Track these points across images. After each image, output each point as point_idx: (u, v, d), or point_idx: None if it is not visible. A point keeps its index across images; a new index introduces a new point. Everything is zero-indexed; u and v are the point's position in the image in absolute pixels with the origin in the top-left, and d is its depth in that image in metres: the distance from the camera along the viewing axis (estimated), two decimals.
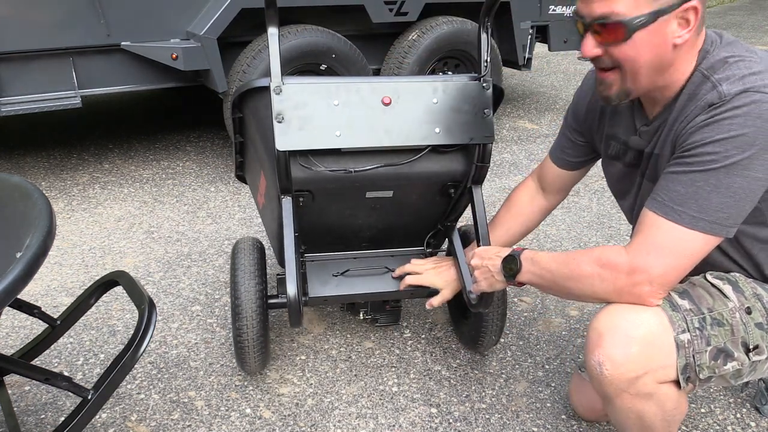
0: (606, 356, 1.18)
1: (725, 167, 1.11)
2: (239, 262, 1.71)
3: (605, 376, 1.19)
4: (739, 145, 1.10)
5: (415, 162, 1.57)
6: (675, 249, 1.15)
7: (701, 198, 1.13)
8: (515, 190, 1.79)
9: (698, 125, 1.14)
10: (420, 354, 1.98)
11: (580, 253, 1.26)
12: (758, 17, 8.59)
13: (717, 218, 1.13)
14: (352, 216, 1.72)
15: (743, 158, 1.10)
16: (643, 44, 1.15)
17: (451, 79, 1.54)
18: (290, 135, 1.45)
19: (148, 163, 3.66)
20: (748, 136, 1.09)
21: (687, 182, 1.14)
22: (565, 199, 1.78)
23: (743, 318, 1.22)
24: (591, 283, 1.22)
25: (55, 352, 1.98)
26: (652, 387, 1.20)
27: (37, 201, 1.24)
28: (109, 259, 2.58)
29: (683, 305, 1.23)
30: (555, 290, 1.33)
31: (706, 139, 1.13)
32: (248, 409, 1.74)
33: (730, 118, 1.11)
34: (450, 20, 3.64)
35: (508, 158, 3.77)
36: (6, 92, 2.98)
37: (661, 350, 1.19)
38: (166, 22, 3.16)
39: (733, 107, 1.11)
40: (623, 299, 1.21)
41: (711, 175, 1.12)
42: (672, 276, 1.17)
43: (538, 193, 1.75)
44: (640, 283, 1.17)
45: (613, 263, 1.19)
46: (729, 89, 1.13)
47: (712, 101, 1.14)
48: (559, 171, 1.67)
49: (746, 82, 1.12)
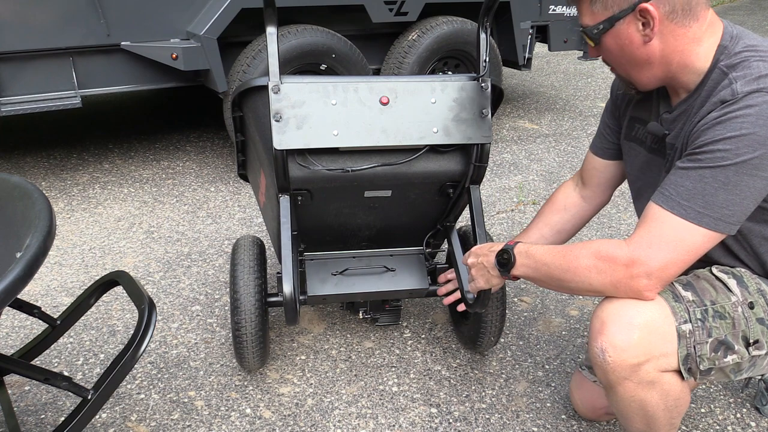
0: (609, 343, 1.20)
1: (735, 165, 1.12)
2: (239, 258, 1.71)
3: (608, 363, 1.20)
4: (750, 143, 1.11)
5: (414, 162, 1.57)
6: (677, 243, 1.16)
7: (708, 194, 1.14)
8: (554, 193, 1.76)
9: (710, 122, 1.16)
10: (420, 354, 1.98)
11: (577, 246, 1.26)
12: (758, 17, 8.59)
13: (722, 215, 1.14)
14: (350, 215, 1.72)
15: (753, 157, 1.11)
16: (612, 46, 1.28)
17: (449, 79, 1.55)
18: (288, 134, 1.45)
19: (148, 163, 3.67)
20: (759, 135, 1.11)
21: (696, 178, 1.15)
22: (607, 203, 1.71)
23: (745, 312, 1.23)
24: (587, 276, 1.23)
25: (55, 352, 1.98)
26: (655, 375, 1.21)
27: (37, 201, 1.24)
28: (109, 259, 2.58)
29: (686, 296, 1.24)
30: (550, 283, 1.33)
31: (717, 137, 1.14)
32: (248, 409, 1.75)
33: (742, 117, 1.12)
34: (450, 20, 3.64)
35: (508, 158, 3.77)
36: (6, 92, 2.98)
37: (663, 338, 1.20)
38: (166, 22, 3.16)
39: (745, 105, 1.13)
40: (620, 292, 1.21)
41: (720, 172, 1.13)
42: (671, 270, 1.18)
43: (574, 191, 1.71)
44: (638, 276, 1.18)
45: (611, 256, 1.20)
46: (742, 88, 1.14)
47: (725, 98, 1.16)
48: (598, 161, 1.63)
49: (761, 82, 1.14)
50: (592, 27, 1.26)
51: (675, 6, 1.18)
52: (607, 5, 1.22)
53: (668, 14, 1.18)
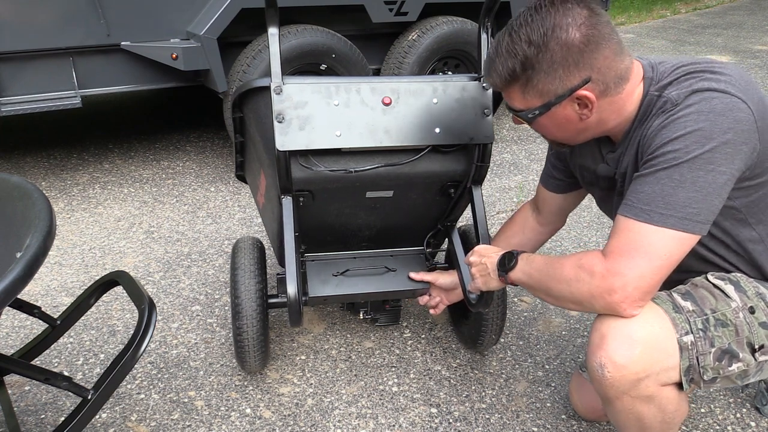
0: (608, 358, 1.17)
1: (687, 162, 1.12)
2: (239, 261, 1.71)
3: (607, 379, 1.18)
4: (698, 139, 1.11)
5: (415, 162, 1.57)
6: (648, 250, 1.13)
7: (667, 195, 1.13)
8: (513, 214, 1.81)
9: (656, 129, 1.17)
10: (420, 354, 1.98)
11: (567, 256, 1.26)
12: (758, 17, 8.59)
13: (686, 214, 1.12)
14: (352, 216, 1.72)
15: (704, 152, 1.11)
16: (548, 125, 1.29)
17: (451, 79, 1.54)
18: (290, 135, 1.45)
19: (148, 163, 3.66)
20: (704, 130, 1.11)
21: (652, 181, 1.15)
22: (562, 226, 1.77)
23: (747, 318, 1.22)
24: (568, 285, 1.21)
25: (55, 352, 1.98)
26: (654, 389, 1.19)
27: (37, 201, 1.24)
28: (109, 259, 2.58)
29: (686, 307, 1.22)
30: (540, 291, 1.32)
31: (665, 139, 1.14)
32: (248, 409, 1.75)
33: (685, 116, 1.14)
34: (450, 20, 3.64)
35: (508, 158, 3.77)
36: (6, 92, 2.98)
37: (664, 352, 1.18)
38: (166, 22, 3.16)
39: (685, 106, 1.15)
40: (596, 305, 1.18)
41: (674, 171, 1.13)
42: (648, 280, 1.14)
43: (531, 216, 1.75)
44: (614, 289, 1.14)
45: (589, 266, 1.18)
46: (679, 93, 1.17)
47: (665, 107, 1.18)
48: (548, 194, 1.68)
49: (695, 86, 1.16)
50: (525, 111, 1.26)
51: (608, 83, 1.20)
52: (542, 93, 1.21)
53: (602, 93, 1.20)
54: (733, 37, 7.23)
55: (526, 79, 1.20)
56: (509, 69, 1.20)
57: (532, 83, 1.20)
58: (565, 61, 1.16)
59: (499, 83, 1.25)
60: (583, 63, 1.16)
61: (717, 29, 7.77)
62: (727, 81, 1.16)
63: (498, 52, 1.22)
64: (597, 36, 1.16)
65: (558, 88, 1.19)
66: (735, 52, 6.46)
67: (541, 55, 1.16)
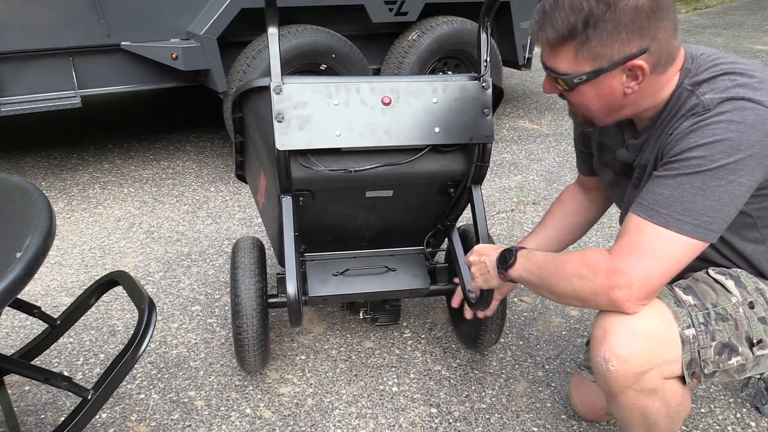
0: (612, 352, 1.18)
1: (711, 171, 1.11)
2: (239, 261, 1.71)
3: (611, 372, 1.19)
4: (725, 149, 1.10)
5: (415, 162, 1.57)
6: (658, 252, 1.13)
7: (686, 201, 1.12)
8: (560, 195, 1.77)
9: (684, 132, 1.16)
10: (420, 354, 1.98)
11: (569, 253, 1.26)
12: (758, 17, 8.59)
13: (702, 221, 1.12)
14: (352, 215, 1.72)
15: (729, 162, 1.10)
16: (589, 95, 1.22)
17: (450, 78, 1.55)
18: (290, 135, 1.45)
19: (148, 163, 3.66)
20: (732, 141, 1.10)
21: (673, 185, 1.14)
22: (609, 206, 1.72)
23: (746, 312, 1.23)
24: (570, 281, 1.21)
25: (55, 352, 1.98)
26: (657, 383, 1.20)
27: (37, 201, 1.24)
28: (109, 259, 2.58)
29: (687, 301, 1.23)
30: (541, 288, 1.31)
31: (692, 144, 1.13)
32: (248, 409, 1.75)
33: (715, 124, 1.12)
34: (450, 20, 3.64)
35: (508, 158, 3.77)
36: (6, 92, 2.98)
37: (667, 345, 1.19)
38: (166, 22, 3.16)
39: (717, 113, 1.12)
40: (600, 301, 1.18)
41: (697, 178, 1.12)
42: (653, 281, 1.14)
43: (580, 193, 1.73)
44: (618, 286, 1.14)
45: (593, 263, 1.18)
46: (713, 98, 1.14)
47: (696, 110, 1.16)
48: (588, 178, 1.67)
49: (730, 92, 1.14)
50: (572, 75, 1.18)
51: (661, 59, 1.16)
52: (596, 56, 1.14)
53: (653, 67, 1.17)
54: (733, 37, 7.24)
55: (585, 38, 1.12)
56: (569, 24, 1.12)
57: (590, 44, 1.12)
58: (632, 24, 1.09)
59: (552, 39, 1.15)
60: (647, 30, 1.11)
61: (717, 29, 7.77)
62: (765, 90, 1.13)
63: (557, 5, 1.12)
64: (664, 5, 1.11)
65: (615, 53, 1.13)
66: (735, 52, 6.46)
67: (608, 14, 1.09)
